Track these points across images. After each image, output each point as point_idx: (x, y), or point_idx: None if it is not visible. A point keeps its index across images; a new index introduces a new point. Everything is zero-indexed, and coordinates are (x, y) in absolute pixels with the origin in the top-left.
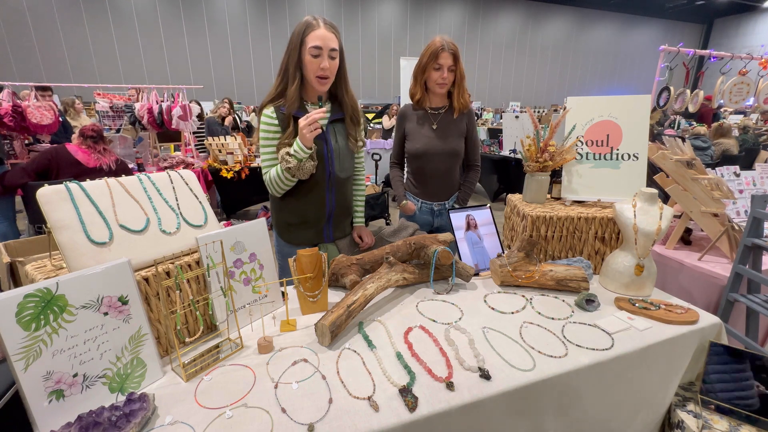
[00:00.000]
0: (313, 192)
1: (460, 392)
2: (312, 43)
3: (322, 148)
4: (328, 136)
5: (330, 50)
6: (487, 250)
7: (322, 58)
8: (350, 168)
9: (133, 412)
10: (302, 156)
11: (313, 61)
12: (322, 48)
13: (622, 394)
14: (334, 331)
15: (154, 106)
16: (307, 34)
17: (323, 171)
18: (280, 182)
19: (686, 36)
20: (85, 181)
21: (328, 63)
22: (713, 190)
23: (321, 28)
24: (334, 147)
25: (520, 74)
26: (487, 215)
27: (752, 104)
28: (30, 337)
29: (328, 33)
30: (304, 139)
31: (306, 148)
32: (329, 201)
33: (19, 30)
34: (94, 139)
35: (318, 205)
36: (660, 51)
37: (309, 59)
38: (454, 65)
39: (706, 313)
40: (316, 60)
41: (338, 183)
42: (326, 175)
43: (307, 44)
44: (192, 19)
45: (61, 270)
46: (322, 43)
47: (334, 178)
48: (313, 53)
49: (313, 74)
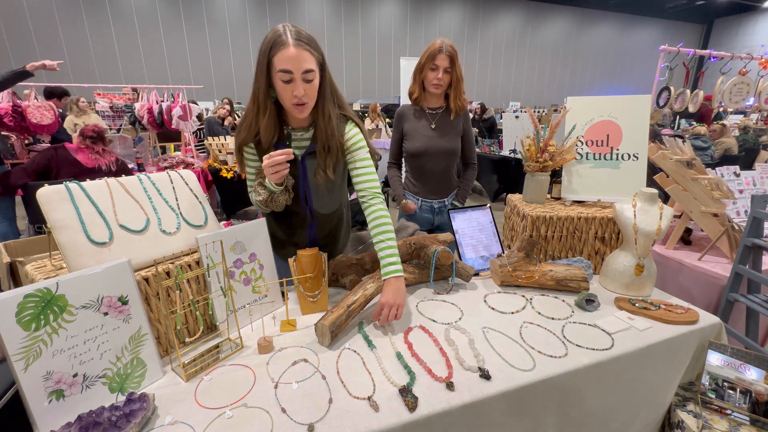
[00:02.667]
0: (295, 220)
1: (460, 392)
2: (281, 66)
3: (297, 182)
4: (304, 169)
5: (304, 72)
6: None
7: (295, 84)
8: (334, 203)
9: (133, 412)
10: (273, 189)
11: (285, 88)
12: (293, 72)
13: (622, 394)
14: (334, 331)
15: (154, 106)
16: (273, 54)
17: (299, 205)
18: (260, 206)
19: (686, 36)
20: (84, 181)
21: (303, 88)
22: (713, 190)
23: (290, 46)
24: (311, 182)
25: (520, 74)
26: (487, 215)
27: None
28: (30, 337)
29: (301, 51)
30: (270, 179)
31: (274, 186)
32: (310, 233)
33: (19, 30)
34: (93, 139)
35: (300, 232)
36: (660, 51)
37: (281, 85)
38: (450, 67)
39: (706, 313)
40: (288, 86)
41: (321, 218)
42: (304, 209)
43: (276, 67)
44: (192, 19)
45: (61, 270)
46: (293, 66)
47: (315, 214)
48: (283, 78)
49: (288, 101)
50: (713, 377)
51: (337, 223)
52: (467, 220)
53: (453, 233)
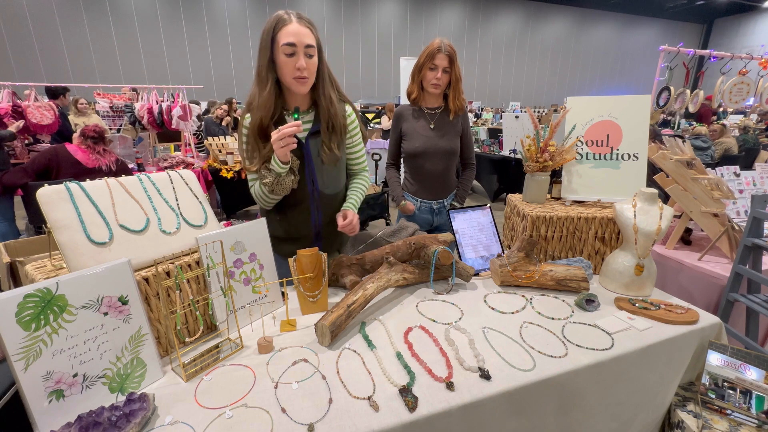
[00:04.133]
0: (299, 208)
1: (460, 392)
2: (284, 40)
3: (302, 163)
4: (308, 150)
5: (305, 47)
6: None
7: (297, 57)
8: (338, 184)
9: (133, 412)
10: (279, 170)
11: (287, 61)
12: (297, 45)
13: (622, 394)
14: (334, 331)
15: (154, 106)
16: (278, 30)
17: (305, 188)
18: (264, 197)
19: (686, 36)
20: (84, 181)
21: (305, 61)
22: (713, 190)
23: (293, 22)
24: (315, 162)
25: (520, 74)
26: (487, 215)
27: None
28: (30, 337)
29: (303, 28)
30: (278, 154)
31: (282, 163)
32: (315, 219)
33: (19, 30)
34: (94, 139)
35: (304, 223)
36: (660, 51)
37: (283, 59)
38: (449, 67)
39: (706, 313)
40: (290, 59)
41: (324, 200)
42: (309, 193)
43: (279, 42)
44: (192, 19)
45: (61, 270)
46: (296, 39)
47: (319, 195)
48: (286, 51)
49: (289, 76)
50: (713, 377)
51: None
52: (467, 220)
53: (453, 233)
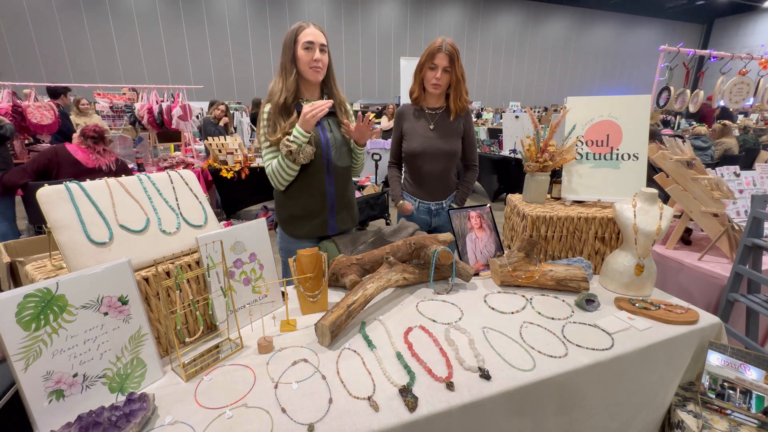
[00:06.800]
0: (314, 181)
1: (460, 392)
2: (305, 39)
3: (319, 136)
4: (323, 129)
5: (320, 44)
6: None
7: (313, 51)
8: (347, 158)
9: (133, 412)
10: (302, 141)
11: (306, 54)
12: (314, 42)
13: (622, 394)
14: (334, 331)
15: (154, 106)
16: (299, 33)
17: (321, 158)
18: (282, 171)
19: (686, 36)
20: (84, 181)
21: (320, 55)
22: (713, 190)
23: (311, 27)
24: (330, 137)
25: (520, 74)
26: (487, 215)
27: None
28: (30, 337)
29: (318, 32)
30: (306, 124)
31: (305, 133)
32: (330, 190)
33: (19, 30)
34: (94, 139)
35: (319, 196)
36: (660, 51)
37: (302, 53)
38: (450, 67)
39: (706, 313)
40: (308, 53)
41: (337, 171)
42: (324, 163)
43: (300, 41)
44: (192, 19)
45: (61, 270)
46: (314, 38)
47: (333, 166)
48: (305, 47)
49: (307, 66)
50: (713, 377)
51: (348, 181)
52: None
53: (453, 233)
